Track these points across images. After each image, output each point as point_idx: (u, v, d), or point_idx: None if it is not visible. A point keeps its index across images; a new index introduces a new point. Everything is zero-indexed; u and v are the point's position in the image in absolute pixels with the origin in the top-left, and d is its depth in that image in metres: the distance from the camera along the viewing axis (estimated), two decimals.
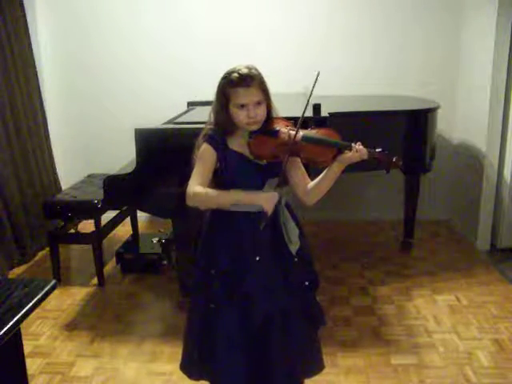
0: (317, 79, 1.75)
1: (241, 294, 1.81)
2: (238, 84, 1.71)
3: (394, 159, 1.80)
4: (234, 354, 1.83)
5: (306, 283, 1.92)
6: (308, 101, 1.79)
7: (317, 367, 2.03)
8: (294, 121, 1.86)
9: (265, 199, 1.74)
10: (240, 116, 1.74)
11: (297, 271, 1.88)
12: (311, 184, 1.87)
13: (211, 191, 1.75)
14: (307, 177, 1.89)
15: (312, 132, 1.81)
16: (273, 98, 1.81)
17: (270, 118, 1.81)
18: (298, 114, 1.81)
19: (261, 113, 1.76)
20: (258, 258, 1.81)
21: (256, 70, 1.76)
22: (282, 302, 1.84)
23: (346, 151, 1.76)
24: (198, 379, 2.03)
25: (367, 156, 1.76)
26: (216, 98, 1.79)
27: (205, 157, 1.77)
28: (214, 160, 1.77)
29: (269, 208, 1.73)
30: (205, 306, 1.86)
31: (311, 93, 1.79)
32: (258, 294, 1.81)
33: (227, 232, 1.83)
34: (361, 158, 1.76)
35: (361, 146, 1.75)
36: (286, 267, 1.86)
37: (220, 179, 1.79)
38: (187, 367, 2.00)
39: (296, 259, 1.87)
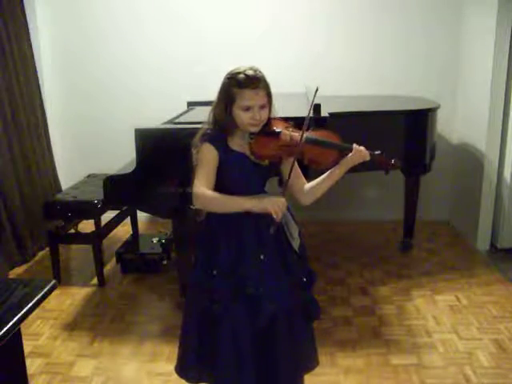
0: (315, 95, 1.79)
1: (245, 294, 1.80)
2: (246, 86, 1.71)
3: (392, 161, 1.84)
4: (240, 356, 1.82)
5: (304, 279, 1.92)
6: (309, 113, 1.80)
7: (313, 363, 2.04)
8: (292, 121, 1.87)
9: (274, 207, 1.70)
10: (243, 117, 1.74)
11: (296, 268, 1.90)
12: (311, 184, 1.88)
13: (219, 196, 1.74)
14: (302, 176, 1.91)
15: (314, 134, 1.82)
16: (273, 98, 1.81)
17: (268, 118, 1.81)
18: (299, 114, 1.81)
19: (264, 115, 1.76)
20: (262, 257, 1.81)
21: (261, 72, 1.77)
22: (287, 302, 1.84)
23: (349, 153, 1.78)
24: (196, 382, 2.01)
25: (368, 158, 1.78)
26: (219, 97, 1.78)
27: (207, 156, 1.76)
28: (216, 159, 1.77)
29: (278, 215, 1.71)
30: (206, 308, 1.84)
31: (311, 107, 1.82)
32: (264, 294, 1.80)
33: (229, 231, 1.83)
34: (363, 160, 1.78)
35: (362, 148, 1.77)
36: (287, 265, 1.87)
37: (220, 178, 1.79)
38: (184, 370, 1.99)
39: (296, 257, 1.88)
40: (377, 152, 1.81)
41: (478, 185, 3.89)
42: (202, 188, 1.73)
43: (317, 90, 1.79)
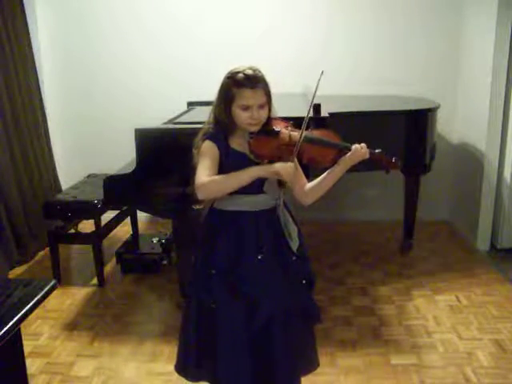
0: (320, 78, 1.76)
1: (243, 293, 1.81)
2: (245, 85, 1.71)
3: (393, 160, 1.83)
4: (238, 355, 1.82)
5: (303, 281, 1.92)
6: (312, 101, 1.79)
7: (313, 364, 2.04)
8: (292, 121, 1.87)
9: (283, 168, 1.70)
10: (242, 117, 1.74)
11: (295, 269, 1.89)
12: (311, 184, 1.88)
13: (222, 175, 1.73)
14: (304, 177, 1.91)
15: (313, 133, 1.82)
16: (272, 98, 1.81)
17: (268, 118, 1.81)
18: (298, 114, 1.81)
19: (263, 115, 1.77)
20: (260, 257, 1.81)
21: (260, 71, 1.77)
22: (285, 302, 1.84)
23: (349, 152, 1.77)
24: (196, 381, 2.02)
25: (368, 156, 1.77)
26: (219, 97, 1.79)
27: (209, 152, 1.76)
28: (217, 155, 1.76)
29: (287, 175, 1.70)
30: (205, 307, 1.85)
31: (315, 93, 1.80)
32: (261, 294, 1.81)
33: (228, 231, 1.83)
34: (362, 158, 1.77)
35: (363, 145, 1.77)
36: (285, 265, 1.87)
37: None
38: (183, 368, 1.99)
39: (295, 257, 1.88)
40: (377, 150, 1.81)
41: (478, 185, 3.89)
42: (203, 178, 1.71)
43: (322, 73, 1.77)
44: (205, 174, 1.72)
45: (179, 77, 4.30)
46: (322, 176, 1.85)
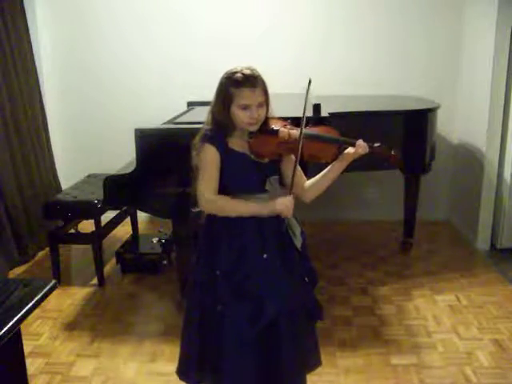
0: (309, 87, 1.78)
1: (249, 292, 1.80)
2: (244, 84, 1.72)
3: (392, 152, 1.85)
4: (243, 355, 1.82)
5: (306, 279, 1.93)
6: (304, 108, 1.79)
7: (318, 361, 2.05)
8: (290, 120, 1.87)
9: (283, 207, 1.76)
10: (242, 116, 1.74)
11: (299, 267, 1.90)
12: (311, 181, 1.90)
13: (228, 201, 1.78)
14: (303, 174, 1.92)
15: (312, 130, 1.83)
16: (272, 99, 1.81)
17: (266, 117, 1.81)
18: (299, 114, 1.82)
19: (262, 114, 1.77)
20: (265, 256, 1.81)
21: (257, 71, 1.78)
22: (290, 300, 1.84)
23: (348, 147, 1.79)
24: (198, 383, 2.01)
25: (367, 150, 1.78)
26: (217, 97, 1.79)
27: (211, 158, 1.77)
28: (218, 160, 1.77)
29: (288, 213, 1.78)
30: (209, 308, 1.84)
31: (306, 101, 1.79)
32: (267, 292, 1.80)
33: (231, 231, 1.83)
34: (363, 152, 1.79)
35: (360, 141, 1.79)
36: (289, 263, 1.87)
37: (221, 178, 1.79)
38: (185, 372, 1.98)
39: (298, 255, 1.88)
40: (376, 144, 1.82)
41: (478, 185, 3.89)
42: (210, 194, 1.76)
43: (309, 82, 1.78)
44: (208, 187, 1.76)
45: (179, 77, 4.30)
46: (323, 172, 1.86)
